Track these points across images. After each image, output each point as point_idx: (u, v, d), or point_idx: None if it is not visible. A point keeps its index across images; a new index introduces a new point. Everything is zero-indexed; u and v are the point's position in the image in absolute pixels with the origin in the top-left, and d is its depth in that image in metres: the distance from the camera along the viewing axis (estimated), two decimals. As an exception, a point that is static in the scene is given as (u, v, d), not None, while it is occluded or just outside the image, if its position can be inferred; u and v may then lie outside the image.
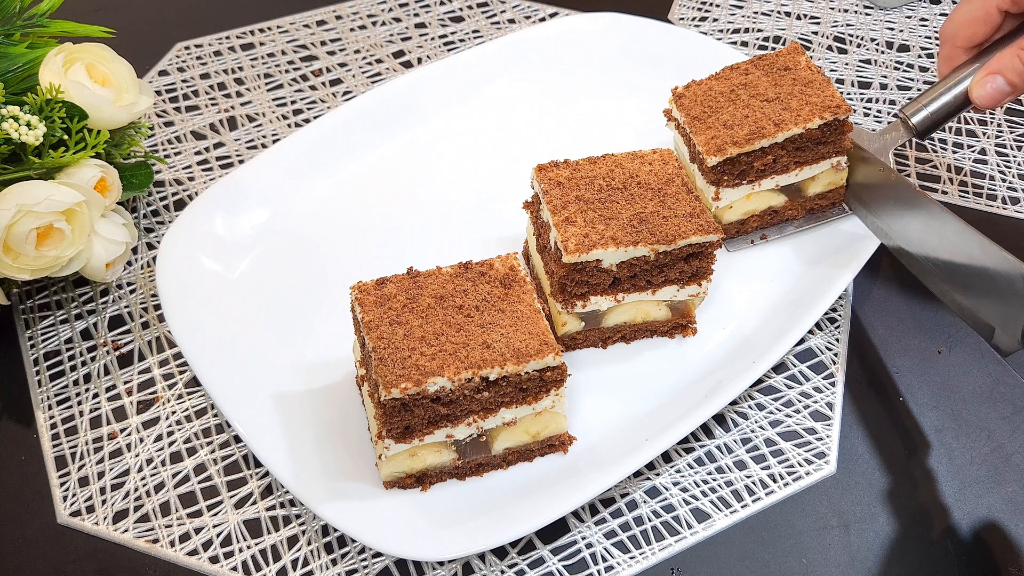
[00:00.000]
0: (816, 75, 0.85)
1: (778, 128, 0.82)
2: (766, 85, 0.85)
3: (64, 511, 0.76)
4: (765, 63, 0.87)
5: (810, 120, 0.82)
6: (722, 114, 0.84)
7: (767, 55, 0.88)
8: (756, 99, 0.84)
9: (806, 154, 0.85)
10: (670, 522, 0.74)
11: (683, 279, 0.79)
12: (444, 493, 0.74)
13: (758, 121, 0.83)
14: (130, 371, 0.85)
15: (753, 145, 0.82)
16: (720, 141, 0.82)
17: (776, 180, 0.86)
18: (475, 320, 0.70)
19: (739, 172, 0.84)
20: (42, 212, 0.79)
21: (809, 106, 0.83)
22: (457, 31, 1.17)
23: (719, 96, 0.86)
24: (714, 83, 0.87)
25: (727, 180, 0.84)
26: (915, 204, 0.79)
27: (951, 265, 0.76)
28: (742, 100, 0.85)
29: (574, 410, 0.78)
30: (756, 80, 0.86)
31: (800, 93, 0.84)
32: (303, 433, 0.76)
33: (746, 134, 0.82)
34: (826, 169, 0.87)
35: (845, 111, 0.83)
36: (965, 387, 0.82)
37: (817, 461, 0.78)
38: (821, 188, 0.88)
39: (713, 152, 0.82)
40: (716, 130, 0.83)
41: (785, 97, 0.84)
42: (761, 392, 0.82)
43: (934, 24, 1.16)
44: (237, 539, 0.74)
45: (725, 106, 0.85)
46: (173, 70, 1.13)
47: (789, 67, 0.86)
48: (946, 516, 0.75)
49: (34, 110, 0.82)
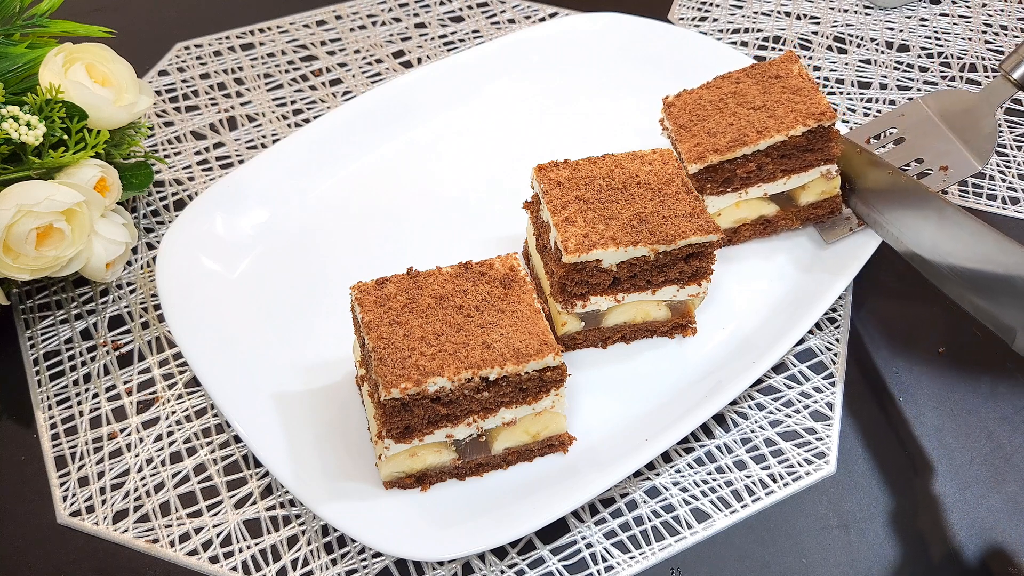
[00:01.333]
0: (806, 83, 0.85)
1: (760, 135, 0.82)
2: (755, 93, 0.85)
3: (64, 511, 0.76)
4: (758, 72, 0.87)
5: (793, 127, 0.82)
6: (708, 122, 0.84)
7: (761, 64, 0.88)
8: (743, 107, 0.84)
9: (792, 162, 0.85)
10: (670, 522, 0.74)
11: (683, 279, 0.79)
12: (444, 493, 0.74)
13: (741, 129, 0.83)
14: (130, 371, 0.85)
15: (735, 152, 0.82)
16: (702, 149, 0.82)
17: (764, 188, 0.86)
18: (475, 320, 0.69)
19: (723, 180, 0.84)
20: (42, 212, 0.79)
21: (794, 113, 0.83)
22: (457, 31, 1.17)
23: (707, 105, 0.86)
24: (704, 92, 0.87)
25: (711, 188, 0.84)
26: (928, 206, 0.77)
27: (969, 268, 0.74)
28: (729, 108, 0.85)
29: (574, 410, 0.78)
30: (746, 88, 0.86)
31: (787, 101, 0.84)
32: (303, 433, 0.76)
33: (728, 142, 0.82)
34: (816, 178, 0.86)
35: (830, 118, 0.82)
36: (965, 387, 0.82)
37: (817, 461, 0.77)
38: (814, 197, 0.88)
39: (694, 160, 0.82)
40: (700, 138, 0.83)
41: (772, 105, 0.84)
42: (761, 392, 0.82)
43: (934, 24, 1.16)
44: (237, 539, 0.74)
45: (712, 114, 0.85)
46: (173, 70, 1.13)
47: (780, 75, 0.86)
48: (946, 516, 0.75)
49: (34, 110, 0.82)
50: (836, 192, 0.88)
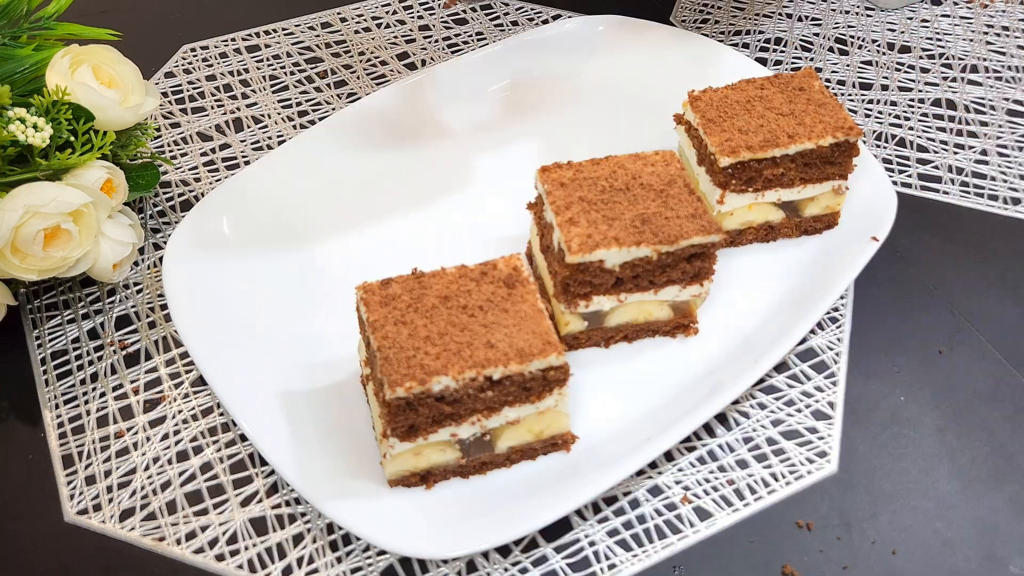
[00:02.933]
0: (829, 99, 0.87)
1: (791, 140, 0.83)
2: (781, 100, 0.87)
3: (71, 509, 0.76)
4: (780, 82, 0.89)
5: (822, 137, 0.83)
6: (737, 120, 0.85)
7: (783, 75, 0.90)
8: (771, 111, 0.86)
9: (812, 172, 0.86)
10: (672, 520, 0.74)
11: (685, 279, 0.80)
12: (448, 491, 0.74)
13: (772, 131, 0.84)
14: (136, 370, 0.85)
15: (766, 152, 0.83)
16: (734, 144, 0.83)
17: (779, 194, 0.87)
18: (479, 320, 0.70)
19: (747, 179, 0.85)
20: (49, 213, 0.79)
21: (822, 124, 0.84)
22: (461, 33, 1.17)
23: (735, 104, 0.87)
24: (730, 92, 0.88)
25: (735, 185, 0.85)
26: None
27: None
28: (757, 111, 0.86)
29: (577, 409, 0.78)
30: (771, 95, 0.87)
31: (814, 112, 0.86)
32: (308, 432, 0.76)
33: (760, 141, 0.83)
34: (827, 191, 0.87)
35: (856, 133, 0.84)
36: (967, 387, 0.82)
37: (819, 460, 0.78)
38: (818, 210, 0.89)
39: (727, 153, 0.82)
40: (731, 133, 0.84)
41: (799, 113, 0.86)
42: (763, 391, 0.82)
43: (936, 25, 1.16)
44: (243, 537, 0.74)
45: (740, 113, 0.86)
46: (179, 72, 1.13)
47: (803, 88, 0.88)
48: (948, 516, 0.75)
49: (41, 112, 0.82)
50: (839, 209, 0.89)
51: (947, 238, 0.94)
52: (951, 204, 0.97)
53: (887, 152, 1.02)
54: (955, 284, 0.90)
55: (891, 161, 1.01)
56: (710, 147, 0.84)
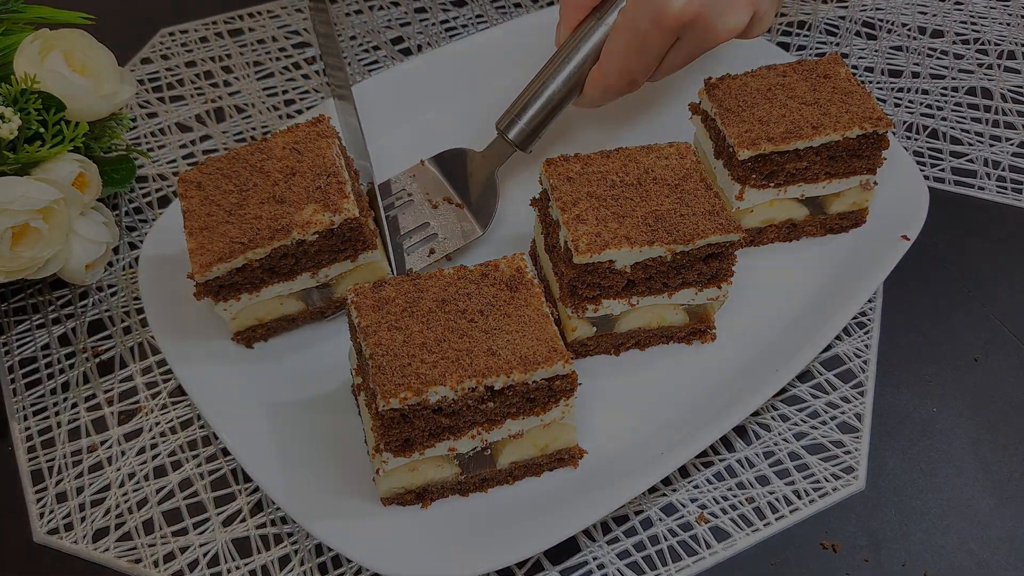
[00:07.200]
0: (856, 87, 0.87)
1: (816, 131, 0.83)
2: (805, 89, 0.86)
3: (41, 529, 0.76)
4: (804, 68, 0.89)
5: (849, 129, 0.83)
6: (756, 110, 0.85)
7: (806, 61, 0.89)
8: (794, 100, 0.85)
9: (839, 165, 0.85)
10: (687, 541, 0.74)
11: (702, 281, 0.79)
12: (446, 510, 0.74)
13: (795, 122, 0.83)
14: (111, 379, 0.85)
15: (789, 145, 0.82)
16: (754, 135, 0.82)
17: (803, 189, 0.86)
18: (479, 325, 0.70)
19: (768, 173, 0.84)
20: (17, 210, 0.79)
21: (849, 115, 0.84)
22: (459, 16, 1.17)
23: (755, 92, 0.86)
24: (749, 79, 0.88)
25: (755, 180, 0.85)
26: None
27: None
28: (779, 99, 0.85)
29: (585, 422, 0.78)
30: (794, 83, 0.87)
31: (840, 101, 0.85)
32: (295, 446, 0.76)
33: (782, 132, 0.83)
34: (854, 186, 0.87)
35: (886, 125, 0.83)
36: (1003, 396, 0.82)
37: (845, 476, 0.78)
38: (844, 207, 0.89)
39: (746, 145, 0.82)
40: (750, 124, 0.83)
41: (824, 103, 0.85)
42: (785, 402, 0.82)
43: (970, 8, 1.16)
44: (225, 559, 0.74)
45: (760, 102, 0.85)
46: (156, 57, 1.13)
47: (829, 75, 0.88)
48: (983, 535, 0.75)
49: (8, 101, 0.82)
50: (866, 206, 0.88)
51: (983, 237, 0.94)
52: (987, 200, 0.97)
53: (918, 144, 1.02)
54: (991, 286, 0.90)
55: (923, 154, 1.01)
56: (728, 139, 0.84)
